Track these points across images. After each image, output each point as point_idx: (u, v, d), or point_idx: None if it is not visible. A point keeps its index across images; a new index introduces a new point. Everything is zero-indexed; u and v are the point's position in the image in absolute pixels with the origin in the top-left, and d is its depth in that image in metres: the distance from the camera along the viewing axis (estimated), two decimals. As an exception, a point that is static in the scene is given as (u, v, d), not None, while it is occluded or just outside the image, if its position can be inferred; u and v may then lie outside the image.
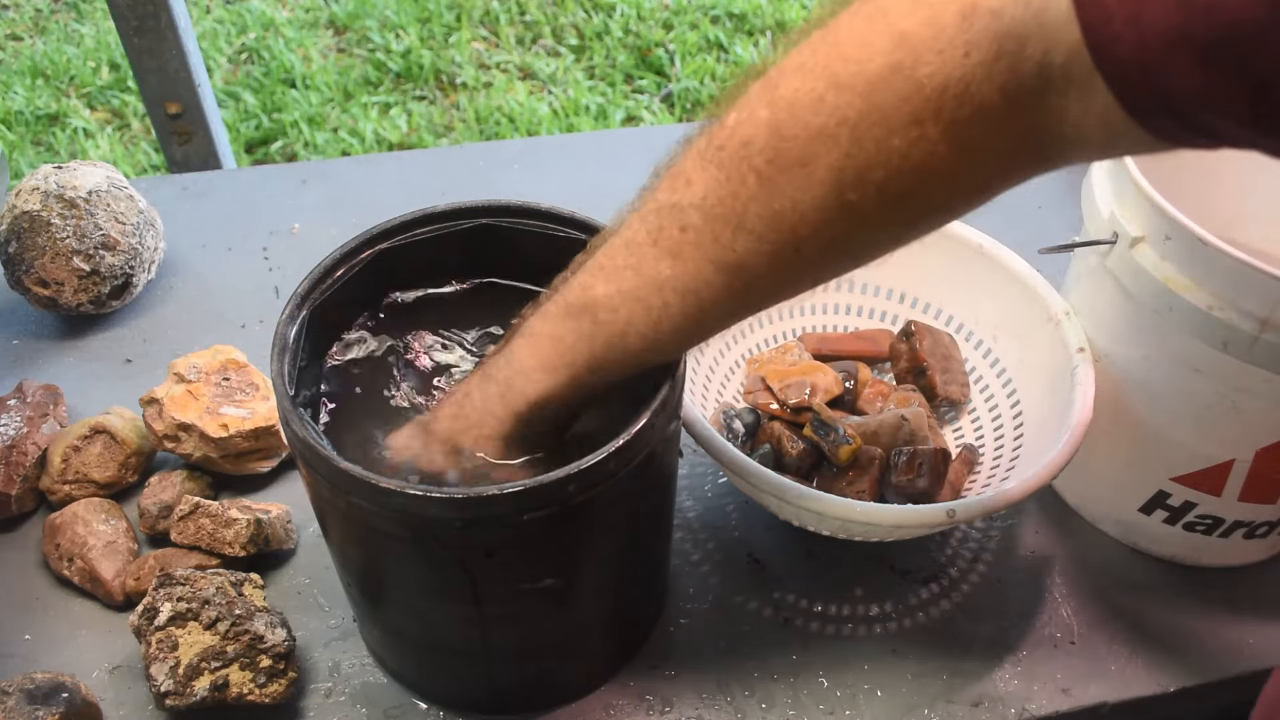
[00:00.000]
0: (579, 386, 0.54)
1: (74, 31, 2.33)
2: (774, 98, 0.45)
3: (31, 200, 0.85)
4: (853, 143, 0.43)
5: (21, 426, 0.76)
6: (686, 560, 0.75)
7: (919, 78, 0.41)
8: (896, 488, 0.71)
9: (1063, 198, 1.04)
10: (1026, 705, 0.68)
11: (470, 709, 0.67)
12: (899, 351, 0.80)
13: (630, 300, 0.50)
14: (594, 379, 0.54)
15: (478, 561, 0.55)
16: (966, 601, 0.73)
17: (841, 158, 0.43)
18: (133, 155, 2.04)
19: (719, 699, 0.68)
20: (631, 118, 2.13)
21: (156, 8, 1.25)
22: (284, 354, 0.57)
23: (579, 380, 0.54)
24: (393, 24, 2.31)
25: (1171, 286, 0.62)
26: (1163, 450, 0.70)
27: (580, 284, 0.52)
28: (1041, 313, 0.74)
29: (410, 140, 2.06)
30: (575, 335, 0.53)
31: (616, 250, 0.51)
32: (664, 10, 2.37)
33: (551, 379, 0.54)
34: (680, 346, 0.54)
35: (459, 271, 0.67)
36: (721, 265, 0.48)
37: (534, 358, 0.54)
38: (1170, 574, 0.76)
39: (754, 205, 0.46)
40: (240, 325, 0.90)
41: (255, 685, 0.63)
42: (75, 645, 0.69)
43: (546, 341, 0.54)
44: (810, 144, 0.44)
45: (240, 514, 0.71)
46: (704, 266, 0.48)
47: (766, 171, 0.45)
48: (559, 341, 0.53)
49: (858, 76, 0.42)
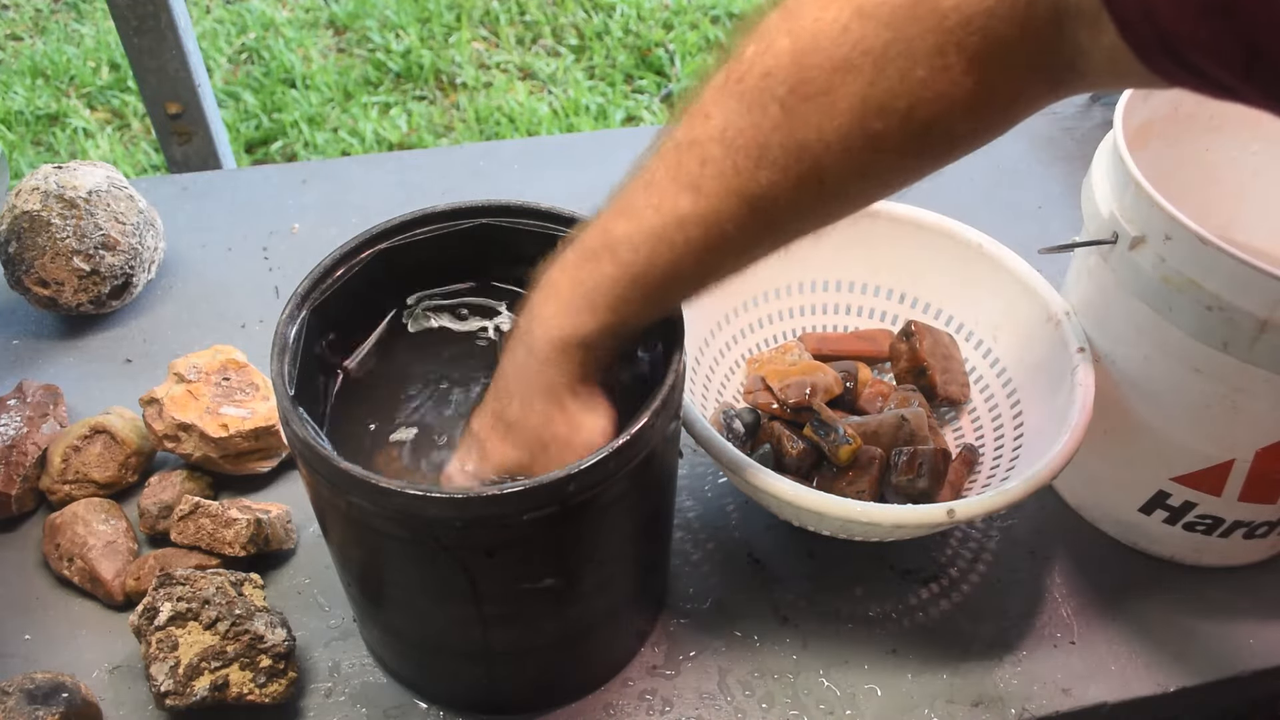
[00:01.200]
0: (603, 329, 0.53)
1: (74, 31, 2.33)
2: (795, 27, 0.45)
3: (31, 200, 0.85)
4: (876, 72, 0.43)
5: (21, 426, 0.76)
6: (686, 560, 0.75)
7: (944, 9, 0.42)
8: (896, 488, 0.71)
9: (1063, 198, 1.05)
10: (1026, 705, 0.68)
11: (470, 709, 0.67)
12: (899, 351, 0.80)
13: (652, 238, 0.50)
14: (616, 320, 0.53)
15: (478, 561, 0.55)
16: (966, 601, 0.73)
17: (865, 87, 0.44)
18: (133, 155, 2.04)
19: (719, 699, 0.68)
20: (631, 118, 2.13)
21: (156, 8, 1.25)
22: (284, 354, 0.57)
23: (603, 323, 0.53)
24: (393, 24, 2.31)
25: (1171, 286, 0.62)
26: (1163, 450, 0.70)
27: (599, 227, 0.52)
28: (1041, 313, 0.74)
29: (410, 140, 2.06)
30: (596, 277, 0.52)
31: (635, 191, 0.50)
32: (664, 10, 2.37)
33: (573, 321, 0.53)
34: (703, 282, 0.53)
35: (459, 272, 0.67)
36: (744, 197, 0.47)
37: (554, 304, 0.53)
38: (1170, 574, 0.76)
39: (776, 135, 0.46)
40: (240, 325, 0.90)
41: (255, 685, 0.63)
42: (75, 645, 0.69)
43: (566, 287, 0.53)
44: (834, 74, 0.44)
45: (240, 514, 0.71)
46: (727, 199, 0.48)
47: (789, 101, 0.45)
48: (579, 285, 0.52)
49: (882, 6, 0.43)
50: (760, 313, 0.82)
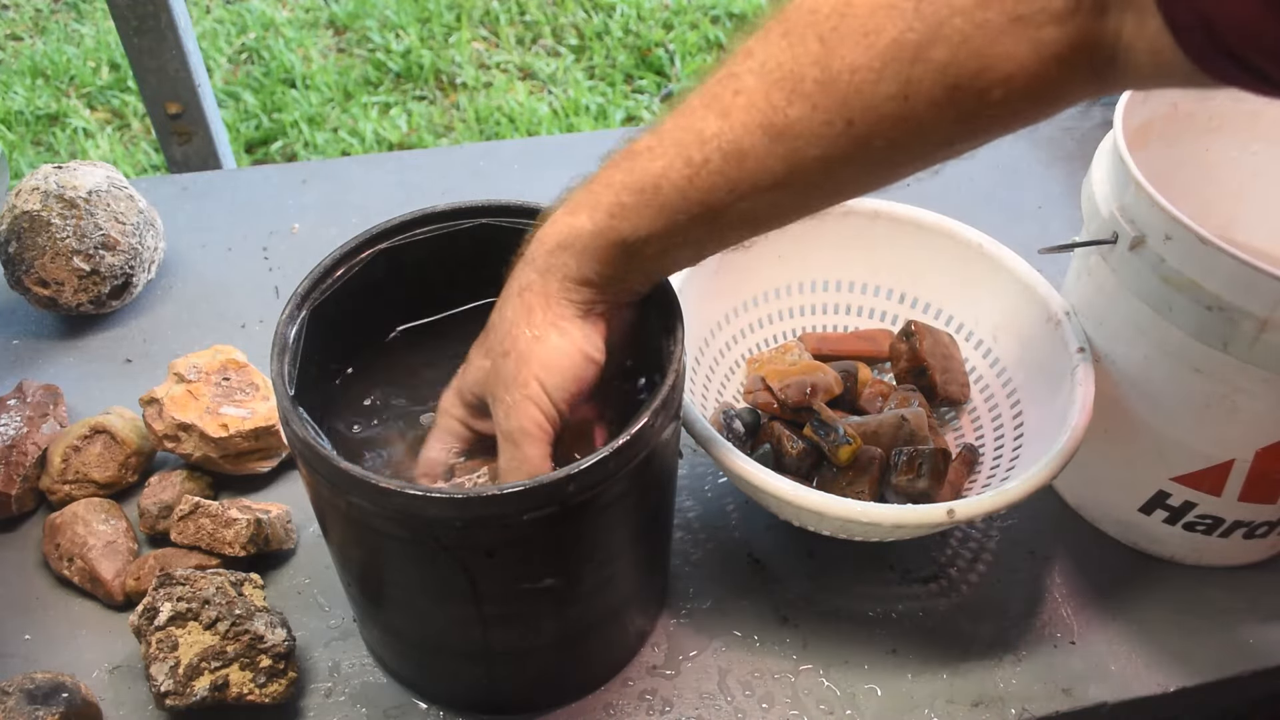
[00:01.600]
0: (596, 233, 0.52)
1: (74, 31, 2.33)
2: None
3: (31, 200, 0.85)
4: (917, 16, 0.44)
5: (21, 426, 0.76)
6: (686, 560, 0.75)
7: None
8: (896, 488, 0.71)
9: (1063, 198, 1.05)
10: (1026, 705, 0.68)
11: (470, 709, 0.67)
12: (899, 351, 0.80)
13: (671, 147, 0.50)
14: (611, 227, 0.51)
15: (478, 561, 0.55)
16: (966, 601, 0.73)
17: (904, 30, 0.44)
18: (133, 155, 2.04)
19: (719, 699, 0.68)
20: (631, 118, 2.13)
21: (156, 8, 1.25)
22: (284, 354, 0.57)
23: (598, 225, 0.52)
24: (393, 24, 2.31)
25: (1171, 286, 0.62)
26: (1163, 450, 0.70)
27: (626, 142, 0.52)
28: (1041, 313, 0.74)
29: (410, 140, 2.06)
30: (604, 179, 0.52)
31: (667, 117, 0.51)
32: (664, 10, 2.37)
33: (568, 221, 0.52)
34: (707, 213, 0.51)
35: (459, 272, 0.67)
36: (770, 129, 0.47)
37: (559, 207, 0.53)
38: (1170, 574, 0.76)
39: (812, 70, 0.46)
40: (240, 325, 0.90)
41: (255, 685, 0.63)
42: (75, 645, 0.69)
43: (576, 190, 0.53)
44: (875, 12, 0.45)
45: (240, 514, 0.71)
46: (752, 129, 0.48)
47: (830, 39, 0.46)
48: (587, 186, 0.53)
49: None
50: (760, 313, 0.82)
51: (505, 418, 0.55)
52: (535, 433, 0.54)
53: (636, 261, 0.53)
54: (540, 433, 0.54)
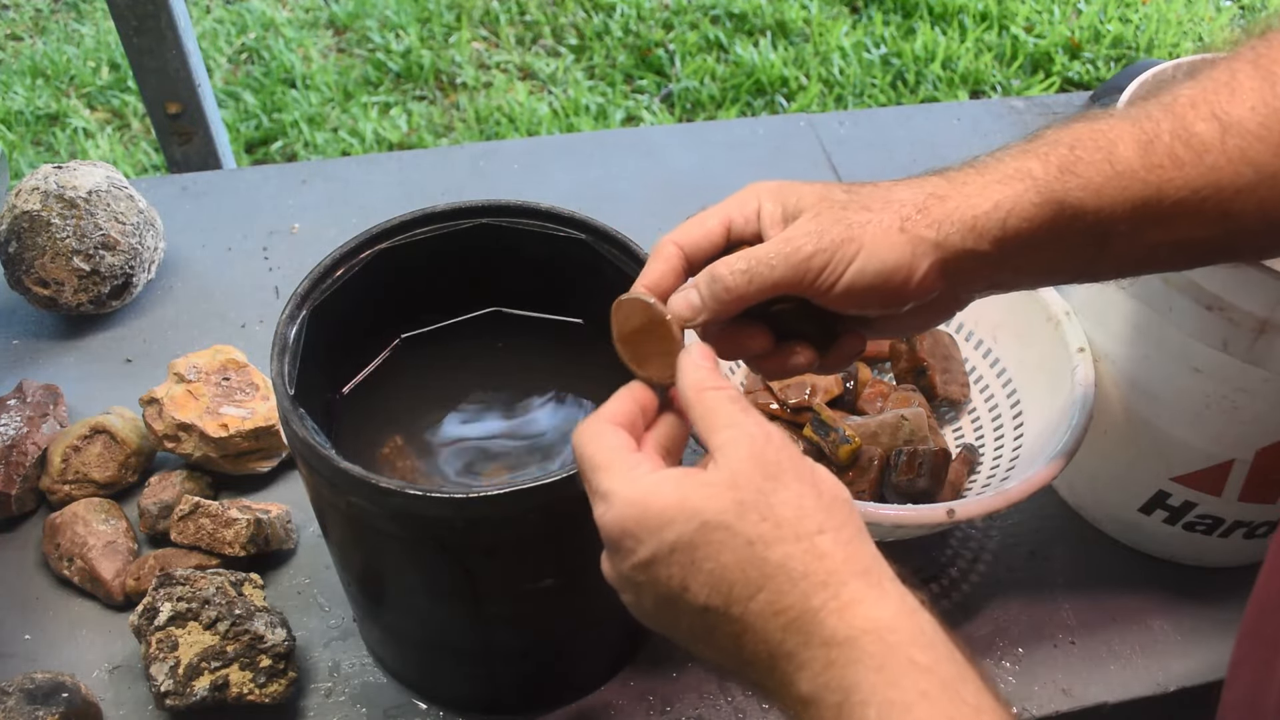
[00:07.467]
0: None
1: (74, 31, 2.33)
2: None
3: (31, 200, 0.85)
4: None
5: (21, 426, 0.76)
6: (686, 560, 0.75)
7: None
8: (896, 488, 0.71)
9: (1063, 198, 1.04)
10: (1026, 705, 0.68)
11: (470, 709, 0.67)
12: (899, 351, 0.80)
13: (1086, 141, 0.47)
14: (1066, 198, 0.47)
15: (478, 561, 0.55)
16: (966, 601, 0.73)
17: None
18: (133, 155, 2.04)
19: (719, 699, 0.68)
20: (631, 118, 2.13)
21: (156, 8, 1.24)
22: (284, 354, 0.57)
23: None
24: (393, 24, 2.31)
25: (1171, 286, 0.62)
26: (1163, 450, 0.70)
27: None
28: (1041, 313, 0.74)
29: (410, 140, 2.06)
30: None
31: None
32: (664, 10, 2.37)
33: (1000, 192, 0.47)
34: (1123, 224, 0.47)
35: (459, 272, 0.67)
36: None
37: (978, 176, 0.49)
38: (1170, 574, 0.76)
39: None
40: (240, 325, 0.90)
41: (255, 685, 0.63)
42: (75, 645, 0.69)
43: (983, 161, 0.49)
44: None
45: (240, 514, 0.70)
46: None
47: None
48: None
49: None
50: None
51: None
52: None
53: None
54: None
